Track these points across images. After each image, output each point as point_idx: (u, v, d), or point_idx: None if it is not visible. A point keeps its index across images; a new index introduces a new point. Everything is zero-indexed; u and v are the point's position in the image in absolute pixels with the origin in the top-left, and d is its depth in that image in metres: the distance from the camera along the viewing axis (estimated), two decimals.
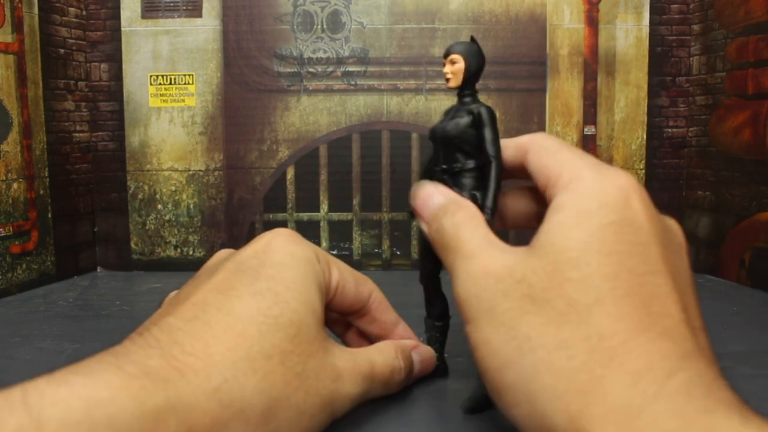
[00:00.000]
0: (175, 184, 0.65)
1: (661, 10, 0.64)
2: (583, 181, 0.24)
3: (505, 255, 0.24)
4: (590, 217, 0.23)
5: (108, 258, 0.66)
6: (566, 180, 0.24)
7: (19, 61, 0.56)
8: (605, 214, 0.23)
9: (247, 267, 0.27)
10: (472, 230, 0.26)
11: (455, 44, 0.31)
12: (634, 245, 0.22)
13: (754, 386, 0.33)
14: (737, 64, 0.57)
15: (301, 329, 0.26)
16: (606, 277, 0.22)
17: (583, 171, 0.24)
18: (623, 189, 0.23)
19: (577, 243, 0.22)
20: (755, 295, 0.54)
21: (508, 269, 0.24)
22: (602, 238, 0.22)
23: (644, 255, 0.22)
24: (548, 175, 0.25)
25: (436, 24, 0.63)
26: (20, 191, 0.56)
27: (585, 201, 0.23)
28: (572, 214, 0.23)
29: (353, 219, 0.65)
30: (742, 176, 0.57)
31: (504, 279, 0.23)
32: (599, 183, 0.24)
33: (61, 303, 0.52)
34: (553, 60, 0.64)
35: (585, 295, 0.21)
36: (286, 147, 0.65)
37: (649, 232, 0.23)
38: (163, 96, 0.64)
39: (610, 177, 0.24)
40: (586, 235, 0.22)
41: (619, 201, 0.23)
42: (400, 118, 0.64)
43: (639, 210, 0.23)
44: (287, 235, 0.29)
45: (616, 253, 0.22)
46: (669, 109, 0.65)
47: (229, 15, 0.63)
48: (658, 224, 0.23)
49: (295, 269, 0.27)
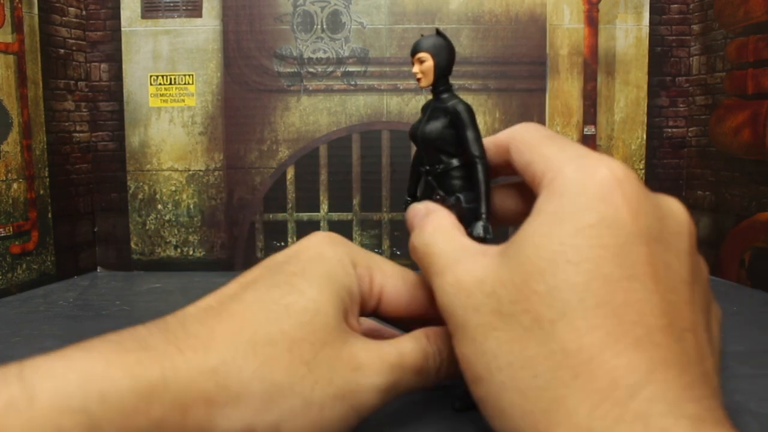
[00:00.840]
0: (175, 184, 0.65)
1: (660, 10, 0.64)
2: (563, 179, 0.23)
3: (476, 266, 0.23)
4: (564, 223, 0.22)
5: (108, 258, 0.66)
6: (548, 179, 0.23)
7: (19, 61, 0.56)
8: (581, 216, 0.21)
9: (274, 264, 0.27)
10: (442, 243, 0.26)
11: (421, 41, 0.29)
12: (611, 248, 0.21)
13: (754, 386, 0.33)
14: (737, 64, 0.57)
15: (315, 317, 0.25)
16: (574, 288, 0.21)
17: (564, 168, 0.23)
18: (604, 184, 0.22)
19: (547, 252, 0.21)
20: (755, 295, 0.54)
21: (479, 282, 0.23)
22: (575, 245, 0.21)
23: (621, 257, 0.21)
24: (533, 172, 0.24)
25: (436, 24, 0.63)
26: (20, 191, 0.56)
27: (562, 204, 0.22)
28: (547, 219, 0.22)
29: (353, 219, 0.65)
30: (742, 176, 0.57)
31: (474, 293, 0.23)
32: (579, 180, 0.22)
33: (61, 303, 0.52)
34: (552, 60, 0.64)
35: (550, 310, 0.21)
36: (286, 147, 0.65)
37: (631, 230, 0.21)
38: (163, 96, 0.64)
39: (590, 171, 0.22)
40: (556, 244, 0.21)
41: (599, 198, 0.22)
42: (400, 118, 0.64)
43: (621, 206, 0.21)
44: (324, 237, 0.28)
45: (588, 260, 0.21)
46: (669, 109, 0.65)
47: (229, 15, 0.63)
48: (645, 218, 0.22)
49: (320, 267, 0.27)
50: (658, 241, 0.22)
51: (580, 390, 0.19)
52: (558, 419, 0.19)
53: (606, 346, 0.20)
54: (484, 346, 0.22)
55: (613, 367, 0.19)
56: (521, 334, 0.21)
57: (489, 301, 0.22)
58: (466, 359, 0.23)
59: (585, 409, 0.19)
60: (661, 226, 0.22)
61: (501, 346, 0.22)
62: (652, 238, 0.22)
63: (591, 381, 0.19)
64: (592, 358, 0.20)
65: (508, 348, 0.21)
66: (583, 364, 0.20)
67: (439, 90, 0.30)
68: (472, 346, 0.23)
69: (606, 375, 0.19)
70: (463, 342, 0.23)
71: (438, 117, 0.29)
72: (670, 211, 0.23)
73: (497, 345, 0.22)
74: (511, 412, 0.21)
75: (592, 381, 0.19)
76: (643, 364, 0.19)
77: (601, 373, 0.19)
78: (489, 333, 0.22)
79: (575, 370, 0.20)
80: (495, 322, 0.22)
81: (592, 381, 0.19)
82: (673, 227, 0.23)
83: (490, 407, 0.22)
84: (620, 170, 0.22)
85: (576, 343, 0.20)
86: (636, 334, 0.20)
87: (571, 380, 0.20)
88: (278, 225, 0.65)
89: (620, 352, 0.19)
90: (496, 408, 0.22)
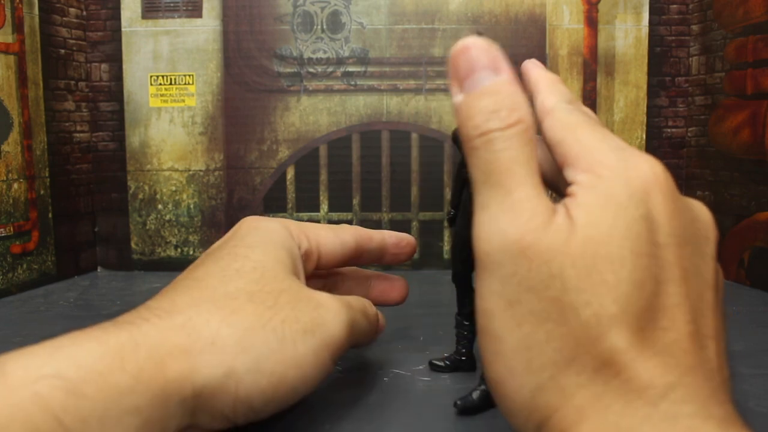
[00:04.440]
0: (175, 184, 0.65)
1: (660, 10, 0.64)
2: (607, 165, 0.21)
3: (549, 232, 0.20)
4: (623, 208, 0.20)
5: (108, 258, 0.66)
6: (587, 162, 0.21)
7: (20, 62, 0.56)
8: (635, 206, 0.20)
9: (215, 247, 0.29)
10: (524, 172, 0.21)
11: None
12: (656, 247, 0.20)
13: (753, 386, 0.33)
14: (736, 64, 0.58)
15: (265, 273, 0.26)
16: (635, 285, 0.19)
17: (606, 154, 0.21)
18: (646, 180, 0.21)
19: (614, 237, 0.19)
20: (754, 294, 0.54)
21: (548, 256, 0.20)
22: (637, 234, 0.20)
23: (662, 260, 0.20)
24: (566, 151, 0.22)
25: (435, 24, 0.63)
26: (21, 191, 0.56)
27: (613, 187, 0.20)
28: (602, 199, 0.20)
29: (353, 219, 0.66)
30: (741, 176, 0.57)
31: (539, 268, 0.20)
32: (624, 171, 0.21)
33: (62, 303, 0.53)
34: (552, 60, 0.64)
35: (614, 304, 0.19)
36: (286, 147, 0.65)
37: (669, 232, 0.20)
38: (164, 96, 0.64)
39: (633, 164, 0.21)
40: (622, 229, 0.20)
41: (643, 193, 0.20)
42: (400, 118, 0.64)
43: (660, 205, 0.20)
44: (254, 217, 0.31)
45: (647, 255, 0.20)
46: (668, 109, 0.65)
47: (229, 15, 0.64)
48: (680, 220, 0.21)
49: (258, 235, 0.29)
50: (689, 243, 0.21)
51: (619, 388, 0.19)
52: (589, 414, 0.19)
53: (645, 349, 0.19)
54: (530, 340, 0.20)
55: (649, 367, 0.19)
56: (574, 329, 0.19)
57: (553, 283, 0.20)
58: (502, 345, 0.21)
59: (619, 405, 0.19)
60: (692, 229, 0.22)
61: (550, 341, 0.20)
62: (685, 240, 0.21)
63: (630, 380, 0.19)
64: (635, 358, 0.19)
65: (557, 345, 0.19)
66: (628, 363, 0.19)
67: None
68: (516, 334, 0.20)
69: (642, 375, 0.19)
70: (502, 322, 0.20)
71: None
72: (698, 213, 0.23)
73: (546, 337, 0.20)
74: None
75: (631, 380, 0.19)
76: (675, 369, 0.19)
77: (639, 371, 0.19)
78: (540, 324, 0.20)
79: (618, 368, 0.19)
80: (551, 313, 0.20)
81: (631, 380, 0.19)
82: (701, 231, 0.22)
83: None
84: (659, 167, 0.21)
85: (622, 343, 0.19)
86: (667, 340, 0.19)
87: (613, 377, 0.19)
88: None
89: (654, 355, 0.19)
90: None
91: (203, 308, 0.24)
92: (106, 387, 0.20)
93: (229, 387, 0.23)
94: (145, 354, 0.21)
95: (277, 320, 0.25)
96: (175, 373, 0.22)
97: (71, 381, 0.20)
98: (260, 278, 0.26)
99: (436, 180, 0.65)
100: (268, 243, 0.28)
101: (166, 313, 0.24)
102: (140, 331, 0.22)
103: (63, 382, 0.19)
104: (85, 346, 0.21)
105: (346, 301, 0.29)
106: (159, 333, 0.22)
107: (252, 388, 0.23)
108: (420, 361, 0.37)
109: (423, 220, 0.65)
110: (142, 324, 0.23)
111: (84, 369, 0.20)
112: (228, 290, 0.25)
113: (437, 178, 0.65)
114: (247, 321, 0.24)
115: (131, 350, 0.21)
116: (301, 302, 0.26)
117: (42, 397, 0.19)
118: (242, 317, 0.24)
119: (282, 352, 0.24)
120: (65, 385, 0.19)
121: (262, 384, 0.23)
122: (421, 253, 0.66)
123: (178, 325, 0.23)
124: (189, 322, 0.23)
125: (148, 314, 0.24)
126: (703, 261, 0.22)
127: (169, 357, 0.22)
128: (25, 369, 0.20)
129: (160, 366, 0.21)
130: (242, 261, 0.27)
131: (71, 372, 0.20)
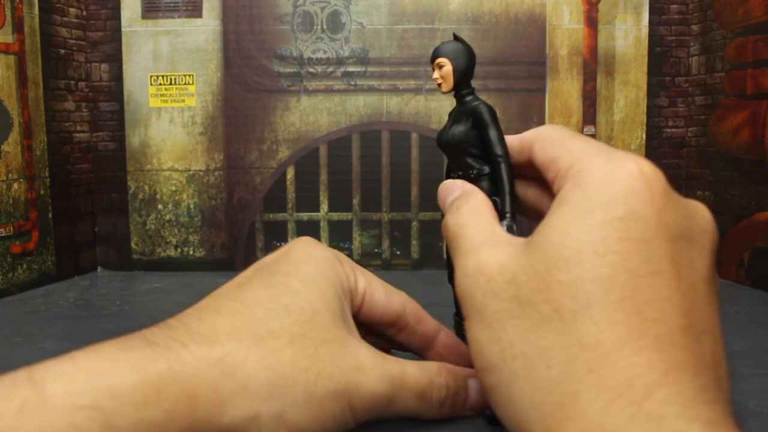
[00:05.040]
0: (175, 184, 0.65)
1: (660, 10, 0.64)
2: (591, 171, 0.22)
3: (501, 252, 0.23)
4: (593, 213, 0.21)
5: (108, 258, 0.66)
6: (575, 170, 0.23)
7: (20, 62, 0.56)
8: (610, 208, 0.21)
9: (265, 265, 0.28)
10: (474, 225, 0.25)
11: (440, 46, 0.30)
12: (637, 243, 0.20)
13: (753, 386, 0.33)
14: (736, 64, 0.58)
15: (314, 317, 0.25)
16: (599, 281, 0.20)
17: (591, 159, 0.22)
18: (632, 178, 0.21)
19: (574, 241, 0.21)
20: (754, 294, 0.54)
21: (500, 268, 0.22)
22: (603, 236, 0.21)
23: (647, 253, 0.20)
24: (557, 166, 0.24)
25: (435, 24, 0.63)
26: (21, 191, 0.56)
27: (590, 194, 0.22)
28: (574, 209, 0.22)
29: (353, 219, 0.66)
30: (741, 176, 0.57)
31: (494, 278, 0.22)
32: (607, 173, 0.22)
33: (62, 303, 0.52)
34: (552, 60, 0.64)
35: (572, 301, 0.20)
36: (286, 147, 0.65)
37: (657, 227, 0.21)
38: (164, 96, 0.64)
39: (619, 165, 0.22)
40: (585, 233, 0.21)
41: (627, 192, 0.21)
42: (400, 118, 0.64)
43: (647, 201, 0.21)
44: (309, 240, 0.29)
45: (616, 252, 0.20)
46: (668, 109, 0.65)
47: (229, 15, 0.64)
48: (670, 215, 0.21)
49: (311, 266, 0.27)
50: (682, 238, 0.21)
51: (595, 385, 0.19)
52: (569, 414, 0.19)
53: (625, 343, 0.19)
54: (500, 333, 0.22)
55: (629, 365, 0.19)
56: (539, 324, 0.21)
57: (509, 287, 0.22)
58: (479, 345, 0.23)
59: (598, 405, 0.18)
60: (687, 224, 0.22)
61: (517, 334, 0.21)
62: (677, 235, 0.21)
63: (606, 377, 0.19)
64: (609, 353, 0.19)
65: (524, 337, 0.21)
66: (600, 359, 0.19)
67: (461, 94, 0.30)
68: (487, 332, 0.22)
69: (622, 372, 0.19)
70: (478, 327, 0.23)
71: (461, 120, 0.30)
72: (695, 209, 0.23)
73: (513, 333, 0.21)
74: (521, 403, 0.21)
75: (608, 377, 0.19)
76: (660, 365, 0.19)
77: (617, 370, 0.19)
78: (506, 320, 0.22)
79: (591, 364, 0.19)
80: (513, 310, 0.22)
81: (608, 377, 0.19)
82: (697, 226, 0.22)
83: (500, 396, 0.22)
84: (648, 167, 0.22)
85: (594, 337, 0.19)
86: (656, 333, 0.19)
87: (585, 375, 0.19)
88: (278, 225, 0.66)
89: (639, 350, 0.19)
90: (505, 397, 0.21)
91: (243, 343, 0.24)
92: (139, 422, 0.20)
93: (250, 430, 0.23)
94: (180, 389, 0.22)
95: (313, 372, 0.24)
96: (205, 413, 0.22)
97: (107, 414, 0.20)
98: (307, 322, 0.25)
99: (436, 180, 0.65)
100: (321, 280, 0.27)
101: (205, 340, 0.23)
102: (178, 358, 0.22)
103: (99, 415, 0.20)
104: (125, 375, 0.21)
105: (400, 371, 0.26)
106: (195, 364, 0.22)
107: None
108: None
109: (423, 220, 0.65)
110: (180, 351, 0.22)
111: (120, 400, 0.20)
112: (271, 327, 0.24)
113: (437, 178, 0.65)
114: (283, 366, 0.24)
115: (168, 384, 0.21)
116: (341, 358, 0.25)
117: (78, 428, 0.19)
118: (280, 360, 0.24)
119: (309, 408, 0.24)
120: (101, 418, 0.20)
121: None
122: (421, 253, 0.66)
123: (216, 359, 0.23)
124: (227, 357, 0.23)
125: (186, 338, 0.23)
126: (700, 255, 0.22)
127: (202, 394, 0.22)
128: (63, 395, 0.20)
129: (192, 403, 0.22)
130: (292, 297, 0.26)
131: (107, 403, 0.20)
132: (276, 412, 0.23)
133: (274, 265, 0.27)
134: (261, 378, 0.23)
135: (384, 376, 0.25)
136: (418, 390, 0.26)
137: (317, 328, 0.25)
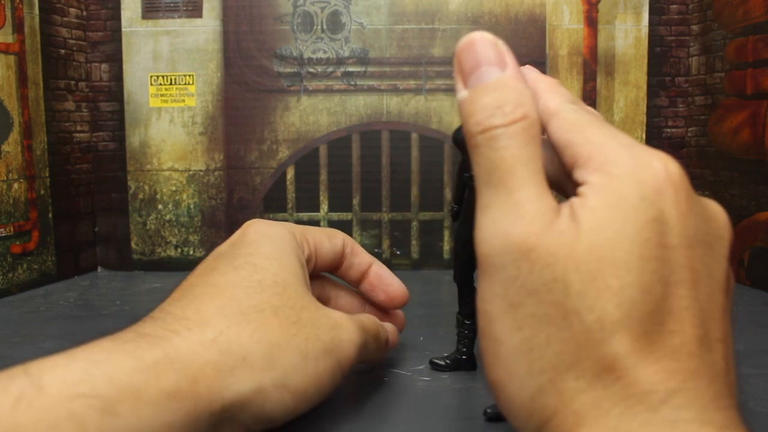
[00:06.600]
0: (175, 184, 0.65)
1: (660, 10, 0.64)
2: (619, 164, 0.20)
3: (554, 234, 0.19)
4: (633, 211, 0.19)
5: (108, 258, 0.66)
6: (599, 162, 0.20)
7: (20, 62, 0.56)
8: (646, 208, 0.19)
9: (225, 251, 0.29)
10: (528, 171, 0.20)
11: None
12: (667, 249, 0.19)
13: (753, 386, 0.33)
14: (736, 64, 0.58)
15: (286, 288, 0.27)
16: (642, 289, 0.19)
17: (618, 152, 0.20)
18: (659, 179, 0.20)
19: (621, 242, 0.19)
20: (754, 294, 0.54)
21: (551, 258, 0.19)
22: (646, 239, 0.19)
23: (672, 261, 0.19)
24: (575, 152, 0.21)
25: (435, 24, 0.63)
26: (21, 191, 0.56)
27: (624, 188, 0.20)
28: (612, 201, 0.19)
29: (353, 219, 0.66)
30: (741, 176, 0.57)
31: (541, 271, 0.19)
32: (635, 171, 0.20)
33: (62, 303, 0.53)
34: (552, 60, 0.64)
35: (617, 310, 0.19)
36: (286, 147, 0.65)
37: (680, 232, 0.20)
38: (164, 96, 0.64)
39: (645, 162, 0.20)
40: (631, 233, 0.19)
41: (656, 193, 0.20)
42: (400, 118, 0.64)
43: (673, 205, 0.20)
44: (260, 221, 0.31)
45: (656, 258, 0.19)
46: (668, 109, 0.65)
47: (229, 15, 0.64)
48: (692, 220, 0.20)
49: (270, 244, 0.29)
50: (701, 244, 0.20)
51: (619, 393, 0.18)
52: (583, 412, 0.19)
53: (648, 353, 0.19)
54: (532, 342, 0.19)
55: (651, 373, 0.18)
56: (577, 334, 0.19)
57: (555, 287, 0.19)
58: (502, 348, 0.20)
59: (619, 410, 0.18)
60: (706, 229, 0.21)
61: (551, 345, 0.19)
62: (696, 241, 0.20)
63: (631, 385, 0.18)
64: (638, 362, 0.19)
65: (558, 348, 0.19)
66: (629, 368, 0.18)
67: None
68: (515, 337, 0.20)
69: (643, 380, 0.18)
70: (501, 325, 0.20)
71: None
72: (713, 213, 0.22)
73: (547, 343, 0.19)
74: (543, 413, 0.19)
75: (632, 385, 0.18)
76: (678, 373, 0.19)
77: (641, 376, 0.18)
78: (542, 327, 0.19)
79: (619, 372, 0.19)
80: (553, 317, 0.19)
81: (632, 385, 0.18)
82: (716, 231, 0.21)
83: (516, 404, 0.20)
84: (672, 165, 0.20)
85: (626, 347, 0.19)
86: (674, 343, 0.19)
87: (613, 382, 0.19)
88: None
89: (659, 359, 0.19)
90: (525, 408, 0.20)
91: (232, 321, 0.24)
92: (140, 405, 0.20)
93: (256, 402, 0.24)
94: (179, 370, 0.22)
95: (301, 337, 0.26)
96: (207, 390, 0.22)
97: (106, 400, 0.20)
98: (282, 293, 0.27)
99: (436, 180, 0.65)
100: (284, 255, 0.29)
101: (195, 325, 0.24)
102: (173, 346, 0.23)
103: (98, 401, 0.20)
104: (121, 362, 0.21)
105: (361, 322, 0.30)
106: (191, 348, 0.23)
107: (277, 404, 0.24)
108: (420, 361, 0.37)
109: (423, 220, 0.65)
110: (173, 338, 0.23)
111: (119, 387, 0.20)
112: (252, 303, 0.26)
113: (437, 178, 0.65)
114: (274, 336, 0.25)
115: (166, 367, 0.22)
116: (320, 320, 0.27)
117: (77, 416, 0.19)
118: (270, 331, 0.25)
119: (305, 369, 0.25)
120: (100, 405, 0.20)
121: (287, 400, 0.25)
122: (421, 253, 0.66)
123: (210, 340, 0.23)
124: (221, 336, 0.24)
125: (176, 326, 0.24)
126: (716, 262, 0.21)
127: (201, 373, 0.22)
128: (61, 384, 0.20)
129: (192, 383, 0.22)
130: (262, 273, 0.27)
131: (107, 390, 0.20)
132: (279, 380, 0.24)
133: (234, 250, 0.29)
134: (257, 350, 0.24)
135: (356, 328, 0.29)
136: (374, 333, 0.31)
137: (293, 298, 0.27)
